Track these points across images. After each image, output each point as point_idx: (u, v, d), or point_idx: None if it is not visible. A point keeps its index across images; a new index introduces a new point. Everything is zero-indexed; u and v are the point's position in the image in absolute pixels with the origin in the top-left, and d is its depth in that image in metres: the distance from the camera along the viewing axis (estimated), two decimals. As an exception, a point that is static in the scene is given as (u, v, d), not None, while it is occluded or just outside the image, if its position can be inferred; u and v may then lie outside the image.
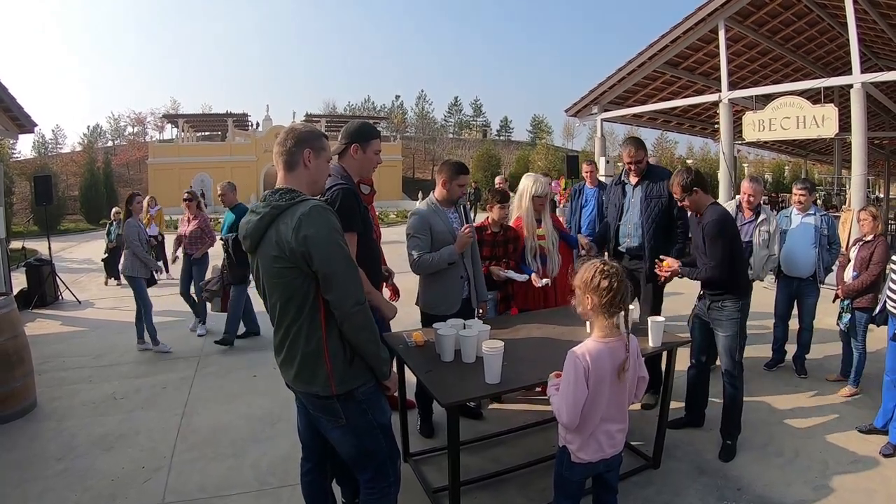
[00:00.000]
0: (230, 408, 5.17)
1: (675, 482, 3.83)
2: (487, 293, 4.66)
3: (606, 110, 15.23)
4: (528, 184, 5.03)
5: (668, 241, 4.83)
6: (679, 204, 4.32)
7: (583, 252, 5.07)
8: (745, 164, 44.00)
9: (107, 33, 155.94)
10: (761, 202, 5.68)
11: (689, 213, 4.44)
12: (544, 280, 4.79)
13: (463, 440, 4.18)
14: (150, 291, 7.08)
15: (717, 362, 4.42)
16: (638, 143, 4.99)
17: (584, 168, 7.76)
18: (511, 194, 5.13)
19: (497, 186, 7.09)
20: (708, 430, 4.44)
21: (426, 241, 4.12)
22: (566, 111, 15.78)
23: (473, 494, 3.63)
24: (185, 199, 8.02)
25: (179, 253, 7.99)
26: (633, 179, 5.00)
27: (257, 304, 7.01)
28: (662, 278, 4.32)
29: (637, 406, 4.87)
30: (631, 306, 3.91)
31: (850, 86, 10.65)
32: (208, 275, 7.61)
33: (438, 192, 4.32)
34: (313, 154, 2.51)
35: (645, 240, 4.87)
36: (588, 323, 3.16)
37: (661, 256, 4.31)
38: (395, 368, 3.19)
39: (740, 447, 4.23)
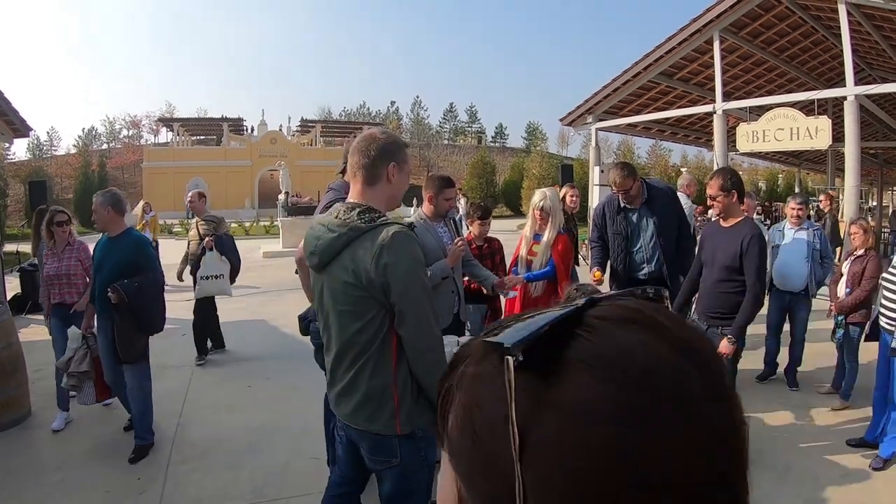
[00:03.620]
0: (225, 418, 5.13)
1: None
2: (472, 306, 4.68)
3: (601, 120, 15.29)
4: (534, 198, 4.96)
5: (678, 256, 4.81)
6: (710, 202, 4.18)
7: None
8: (739, 173, 43.95)
9: (103, 35, 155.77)
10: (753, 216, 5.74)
11: (706, 221, 4.34)
12: (512, 292, 4.75)
13: None
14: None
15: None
16: (625, 171, 4.69)
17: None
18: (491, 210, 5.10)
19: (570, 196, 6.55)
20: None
21: None
22: (561, 120, 15.86)
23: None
24: (56, 223, 5.23)
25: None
26: (636, 204, 4.81)
27: (224, 315, 6.89)
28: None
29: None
30: None
31: (844, 98, 10.72)
32: (70, 343, 4.76)
33: (426, 208, 4.30)
34: (398, 169, 2.30)
35: (666, 261, 4.76)
36: None
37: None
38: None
39: (731, 461, 4.24)
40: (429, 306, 2.24)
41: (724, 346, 3.98)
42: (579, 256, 5.26)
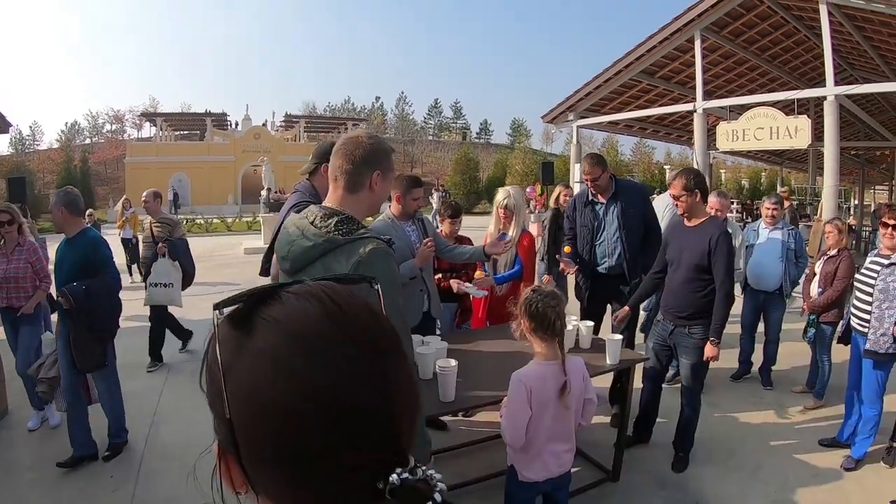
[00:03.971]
0: (199, 417, 5.05)
1: (634, 495, 3.86)
2: (443, 304, 4.65)
3: (583, 117, 15.39)
4: (497, 196, 5.05)
5: (642, 254, 4.81)
6: (673, 203, 4.19)
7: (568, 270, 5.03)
8: (722, 171, 44.40)
9: (88, 30, 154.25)
10: (727, 216, 5.76)
11: (671, 220, 4.37)
12: (482, 291, 4.78)
13: None
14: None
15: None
16: (595, 161, 4.81)
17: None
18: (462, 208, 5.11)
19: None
20: (668, 445, 4.44)
21: None
22: (542, 117, 15.93)
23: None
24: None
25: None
26: (602, 197, 4.88)
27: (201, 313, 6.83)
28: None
29: (606, 419, 4.90)
30: (572, 322, 3.95)
31: (824, 97, 10.80)
32: (43, 349, 4.66)
33: (394, 208, 4.30)
34: (381, 177, 2.16)
35: (627, 257, 4.78)
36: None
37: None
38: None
39: (701, 461, 4.27)
40: (404, 330, 2.15)
41: (710, 350, 3.98)
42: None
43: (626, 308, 4.37)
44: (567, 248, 5.07)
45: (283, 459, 0.57)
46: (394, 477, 0.56)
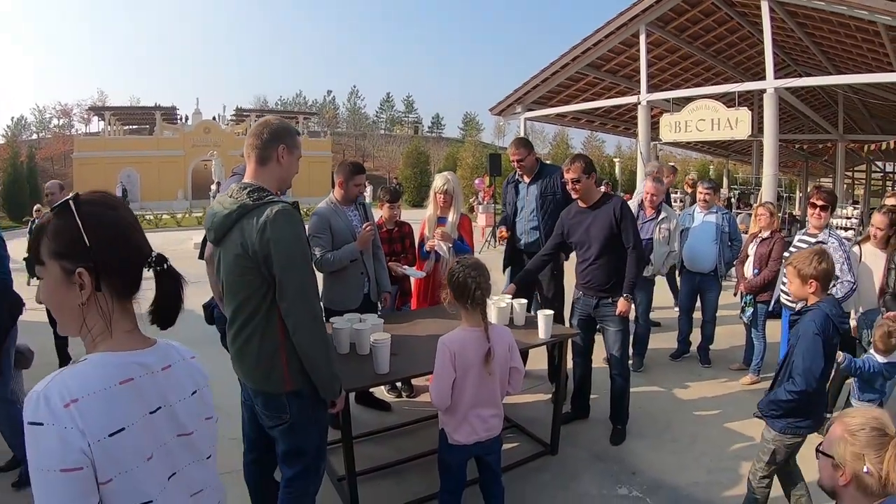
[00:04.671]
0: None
1: (572, 468, 3.98)
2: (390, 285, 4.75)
3: (530, 110, 15.55)
4: (435, 182, 5.19)
5: None
6: (570, 186, 4.31)
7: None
8: (671, 164, 45.09)
9: (32, 21, 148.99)
10: (663, 201, 5.97)
11: (570, 205, 4.52)
12: (420, 272, 4.95)
13: (370, 431, 4.36)
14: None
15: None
16: (521, 142, 5.13)
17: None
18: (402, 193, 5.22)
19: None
20: (605, 419, 4.59)
21: (327, 239, 4.21)
22: (491, 110, 16.08)
23: (377, 482, 3.73)
24: None
25: None
26: (527, 178, 5.12)
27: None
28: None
29: (547, 396, 5.04)
30: (506, 300, 4.15)
31: (764, 90, 11.14)
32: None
33: (337, 192, 4.40)
34: (287, 150, 2.48)
35: (542, 237, 4.96)
36: None
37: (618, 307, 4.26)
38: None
39: (639, 434, 4.43)
40: (308, 281, 2.38)
41: (622, 304, 4.22)
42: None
43: (626, 301, 4.30)
44: (504, 233, 5.30)
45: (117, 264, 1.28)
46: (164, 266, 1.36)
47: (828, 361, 2.90)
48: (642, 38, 12.33)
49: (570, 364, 4.58)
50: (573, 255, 4.74)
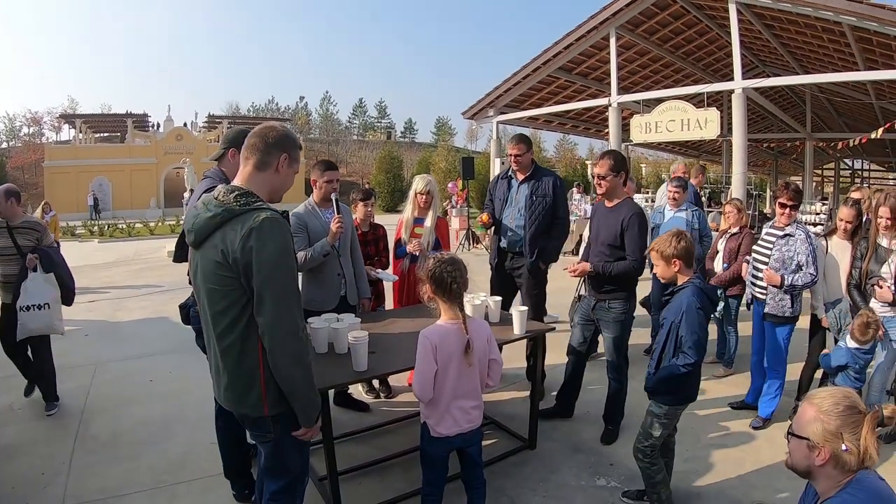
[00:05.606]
0: (127, 412, 5.09)
1: (551, 461, 4.05)
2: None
3: (503, 113, 15.71)
4: (416, 183, 5.25)
5: (548, 239, 5.04)
6: (595, 181, 4.36)
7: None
8: (643, 165, 45.80)
9: (1, 27, 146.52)
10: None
11: (595, 204, 4.59)
12: (394, 276, 5.06)
13: (351, 431, 4.40)
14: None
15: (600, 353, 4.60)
16: (521, 138, 5.12)
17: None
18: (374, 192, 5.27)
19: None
20: (583, 412, 4.69)
21: (303, 239, 4.23)
22: (463, 114, 16.23)
23: (358, 480, 3.76)
24: None
25: None
26: (520, 176, 5.12)
27: (127, 314, 6.41)
28: (573, 275, 4.45)
29: (525, 393, 5.10)
30: (481, 297, 4.25)
31: (732, 91, 11.36)
32: None
33: (315, 194, 4.45)
34: (288, 161, 2.36)
35: (527, 237, 4.99)
36: None
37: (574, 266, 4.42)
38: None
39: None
40: (291, 297, 2.23)
41: (583, 264, 4.35)
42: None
43: (587, 264, 4.39)
44: (485, 217, 5.31)
45: None
46: None
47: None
48: (612, 41, 12.52)
49: (552, 360, 4.61)
50: (572, 255, 4.80)
